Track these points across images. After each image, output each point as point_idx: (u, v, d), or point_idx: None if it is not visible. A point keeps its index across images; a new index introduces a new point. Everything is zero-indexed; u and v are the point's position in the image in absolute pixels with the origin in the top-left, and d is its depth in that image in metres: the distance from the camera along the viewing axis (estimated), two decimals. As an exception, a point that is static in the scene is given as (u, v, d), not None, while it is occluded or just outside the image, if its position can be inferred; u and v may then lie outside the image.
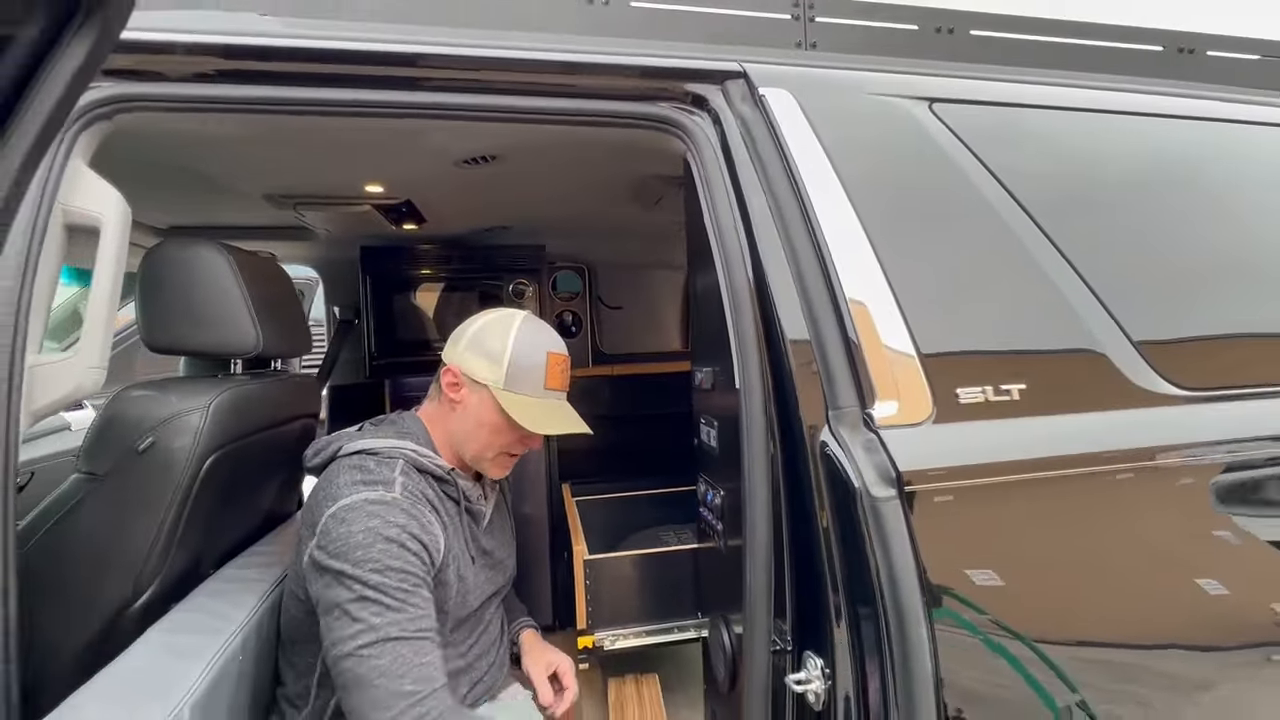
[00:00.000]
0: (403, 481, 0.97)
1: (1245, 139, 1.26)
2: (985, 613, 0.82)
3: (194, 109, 0.98)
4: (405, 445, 1.03)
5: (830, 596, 0.87)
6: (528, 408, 1.06)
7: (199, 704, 0.78)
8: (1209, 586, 0.90)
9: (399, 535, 0.91)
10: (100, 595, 0.92)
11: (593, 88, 1.07)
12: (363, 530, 0.89)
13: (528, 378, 1.08)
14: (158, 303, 1.05)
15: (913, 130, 1.08)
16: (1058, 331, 0.97)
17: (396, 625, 0.87)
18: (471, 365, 1.08)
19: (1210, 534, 0.92)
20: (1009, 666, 0.82)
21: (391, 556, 0.89)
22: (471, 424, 1.08)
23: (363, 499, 0.92)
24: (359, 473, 0.97)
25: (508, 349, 1.07)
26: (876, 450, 0.85)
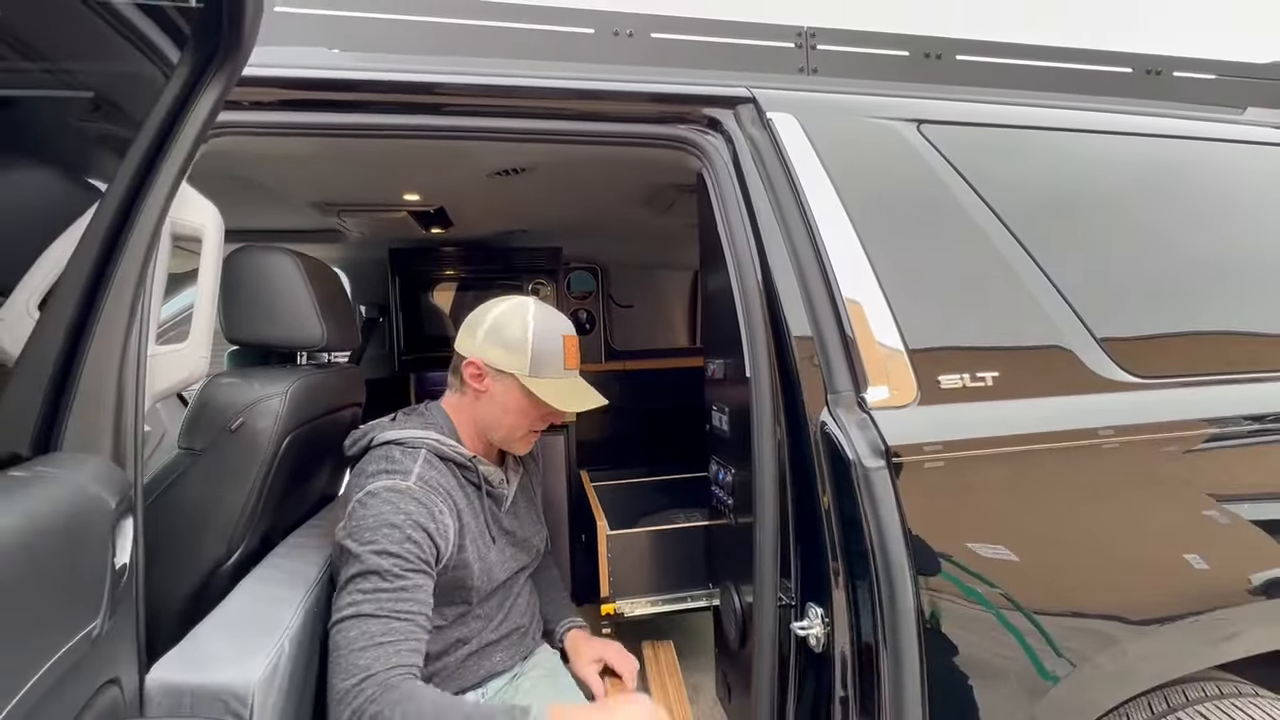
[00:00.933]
0: (420, 471, 1.05)
1: (1204, 154, 1.40)
2: (960, 563, 0.97)
3: (273, 133, 1.12)
4: (429, 435, 1.11)
5: (829, 554, 1.01)
6: (554, 389, 1.14)
7: (294, 638, 0.92)
8: (1154, 548, 1.05)
9: (404, 522, 0.98)
10: (200, 553, 1.06)
11: (618, 112, 1.21)
12: (374, 514, 0.98)
13: (550, 362, 1.15)
14: (238, 301, 1.20)
15: (902, 149, 1.22)
16: (1029, 327, 1.11)
17: (376, 603, 0.93)
18: (494, 356, 1.14)
19: (1158, 502, 1.06)
20: (981, 607, 0.97)
21: (392, 541, 0.97)
22: (498, 410, 1.17)
23: (381, 486, 1.01)
24: (385, 462, 1.06)
25: (528, 338, 1.14)
26: (869, 428, 0.99)
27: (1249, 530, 1.09)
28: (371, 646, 0.91)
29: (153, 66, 0.80)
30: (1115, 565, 1.03)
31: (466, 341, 1.19)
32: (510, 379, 1.15)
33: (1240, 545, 1.08)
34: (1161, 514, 1.06)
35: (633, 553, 1.59)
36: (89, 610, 0.59)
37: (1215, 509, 1.07)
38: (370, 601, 0.94)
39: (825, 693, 1.02)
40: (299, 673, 0.94)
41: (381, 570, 0.96)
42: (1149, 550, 1.05)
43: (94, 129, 0.93)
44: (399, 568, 0.97)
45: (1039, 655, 0.98)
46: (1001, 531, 0.99)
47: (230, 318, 1.20)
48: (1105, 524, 1.03)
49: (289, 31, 1.14)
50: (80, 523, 0.59)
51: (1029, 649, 0.98)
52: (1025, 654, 0.98)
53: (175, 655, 0.82)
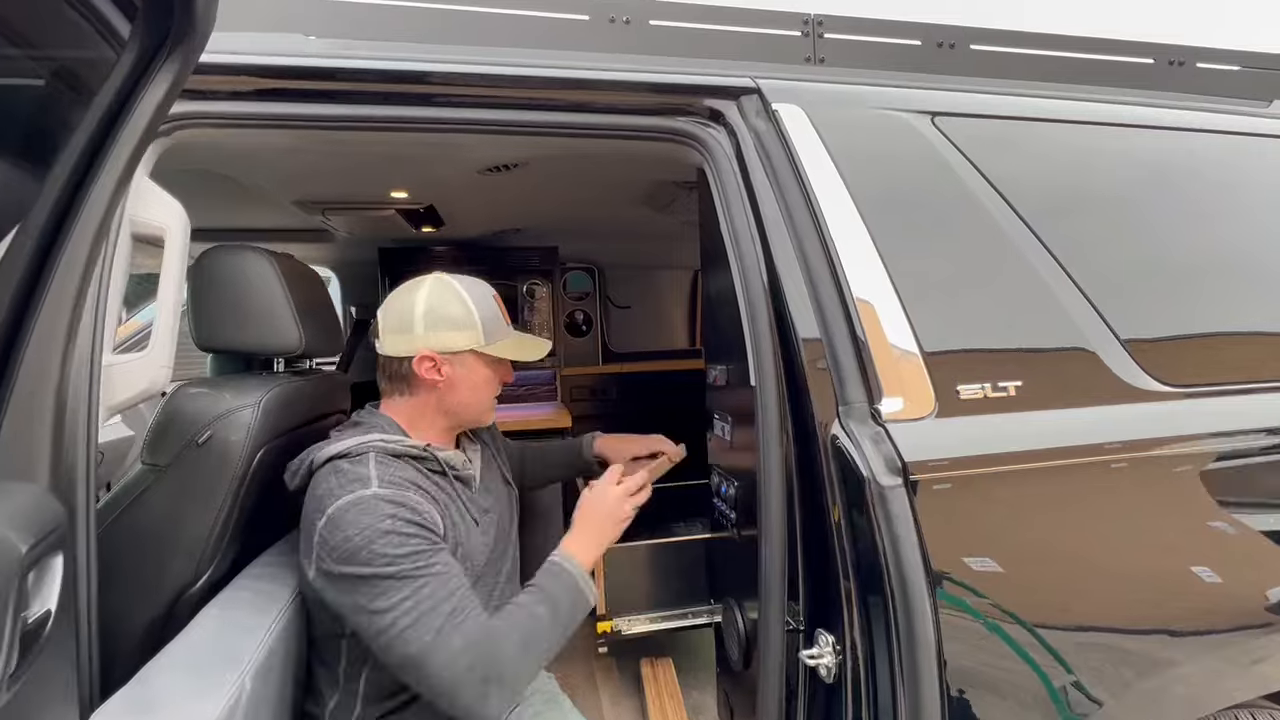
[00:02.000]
0: (378, 474, 0.98)
1: (1231, 148, 1.33)
2: (983, 592, 0.89)
3: (245, 125, 1.05)
4: (371, 438, 1.04)
5: (841, 577, 0.94)
6: (510, 347, 1.16)
7: (259, 673, 0.85)
8: (1193, 571, 0.98)
9: (393, 525, 0.93)
10: (165, 577, 0.99)
11: (615, 103, 1.14)
12: (358, 532, 0.91)
13: (496, 325, 1.15)
14: (209, 305, 1.12)
15: (916, 142, 1.15)
16: (1051, 332, 1.04)
17: (427, 600, 0.91)
18: (445, 340, 1.10)
19: (1194, 522, 0.99)
20: (1006, 640, 0.90)
21: (394, 546, 0.91)
22: (466, 391, 1.13)
23: (347, 503, 0.93)
24: (335, 477, 0.97)
25: (472, 309, 1.11)
26: (884, 442, 0.92)
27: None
28: (455, 631, 0.91)
29: (108, 46, 0.73)
30: (1151, 593, 0.95)
31: (403, 341, 1.10)
32: (469, 355, 1.12)
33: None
34: (1202, 536, 0.98)
35: (630, 567, 1.52)
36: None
37: (1261, 528, 1.00)
38: (423, 604, 0.91)
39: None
40: (264, 709, 0.86)
41: (405, 574, 0.91)
42: (1189, 575, 0.97)
43: (46, 115, 0.85)
44: (421, 560, 0.93)
45: (1069, 689, 0.91)
46: (1028, 556, 0.92)
47: (200, 323, 1.12)
48: (1139, 547, 0.96)
49: (260, 17, 1.07)
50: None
51: (1059, 682, 0.91)
52: (1055, 688, 0.91)
53: (119, 700, 0.75)
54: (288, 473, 1.07)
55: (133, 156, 0.74)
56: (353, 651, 1.02)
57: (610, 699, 1.71)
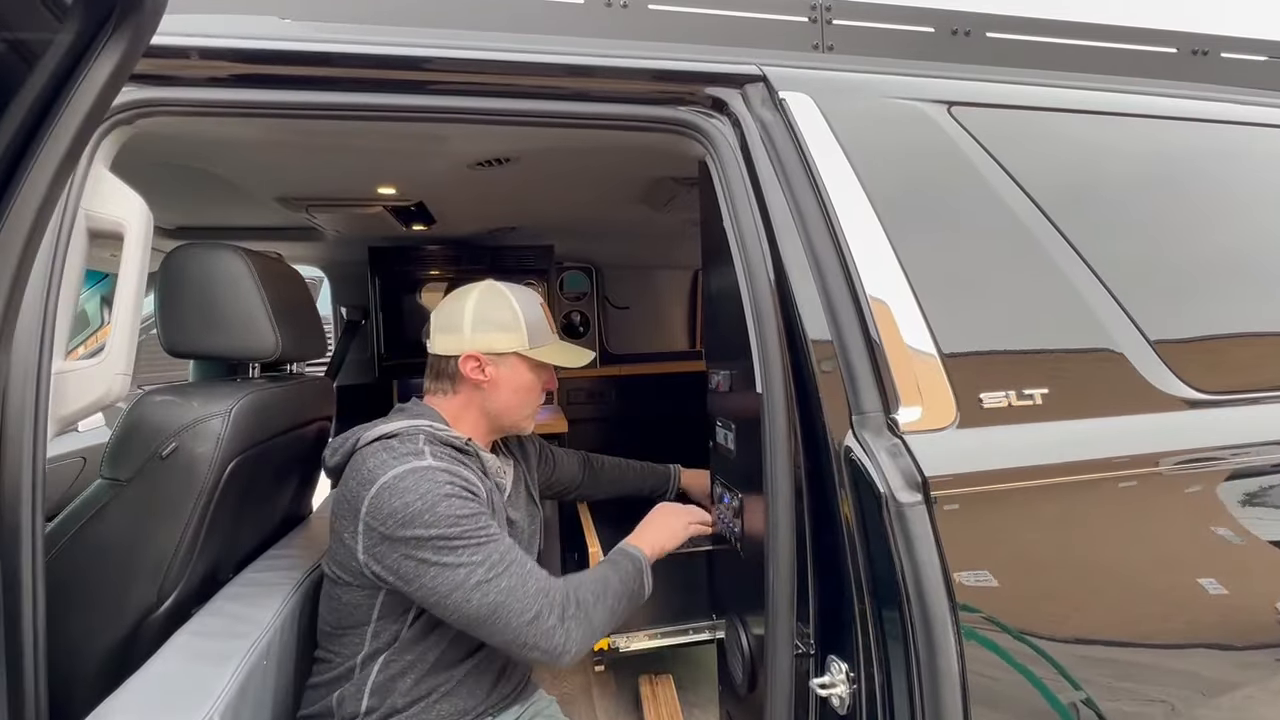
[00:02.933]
0: (431, 450, 1.00)
1: (1261, 141, 1.26)
2: (1011, 617, 0.82)
3: (215, 113, 0.98)
4: (421, 423, 1.06)
5: (855, 600, 0.87)
6: (555, 353, 1.18)
7: (229, 709, 0.78)
8: (1234, 590, 0.91)
9: (453, 490, 0.95)
10: (126, 600, 0.92)
11: (612, 91, 1.07)
12: (418, 497, 0.93)
13: (541, 329, 1.17)
14: (177, 307, 1.05)
15: (932, 133, 1.08)
16: (1078, 335, 0.97)
17: (496, 554, 0.94)
18: (491, 341, 1.12)
19: (1233, 537, 0.93)
20: (1035, 671, 0.83)
21: (457, 508, 0.94)
22: (508, 393, 1.15)
23: (404, 470, 0.95)
24: (386, 453, 0.98)
25: (519, 314, 1.14)
26: (901, 455, 0.85)
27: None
28: (527, 578, 0.96)
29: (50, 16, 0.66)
30: (1194, 619, 0.88)
31: (451, 340, 1.14)
32: (513, 358, 1.14)
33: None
34: (1250, 553, 0.92)
35: (628, 581, 1.45)
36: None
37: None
38: (493, 557, 0.94)
39: (852, 762, 0.88)
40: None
41: (470, 533, 0.94)
42: (1249, 603, 0.90)
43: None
44: (481, 522, 0.96)
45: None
46: (1060, 579, 0.85)
47: (168, 326, 1.05)
48: (1185, 568, 0.89)
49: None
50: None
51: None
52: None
53: (65, 746, 0.67)
54: (328, 449, 1.08)
55: (75, 143, 0.67)
56: (377, 639, 1.01)
57: (608, 718, 1.64)
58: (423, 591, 0.93)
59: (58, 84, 0.65)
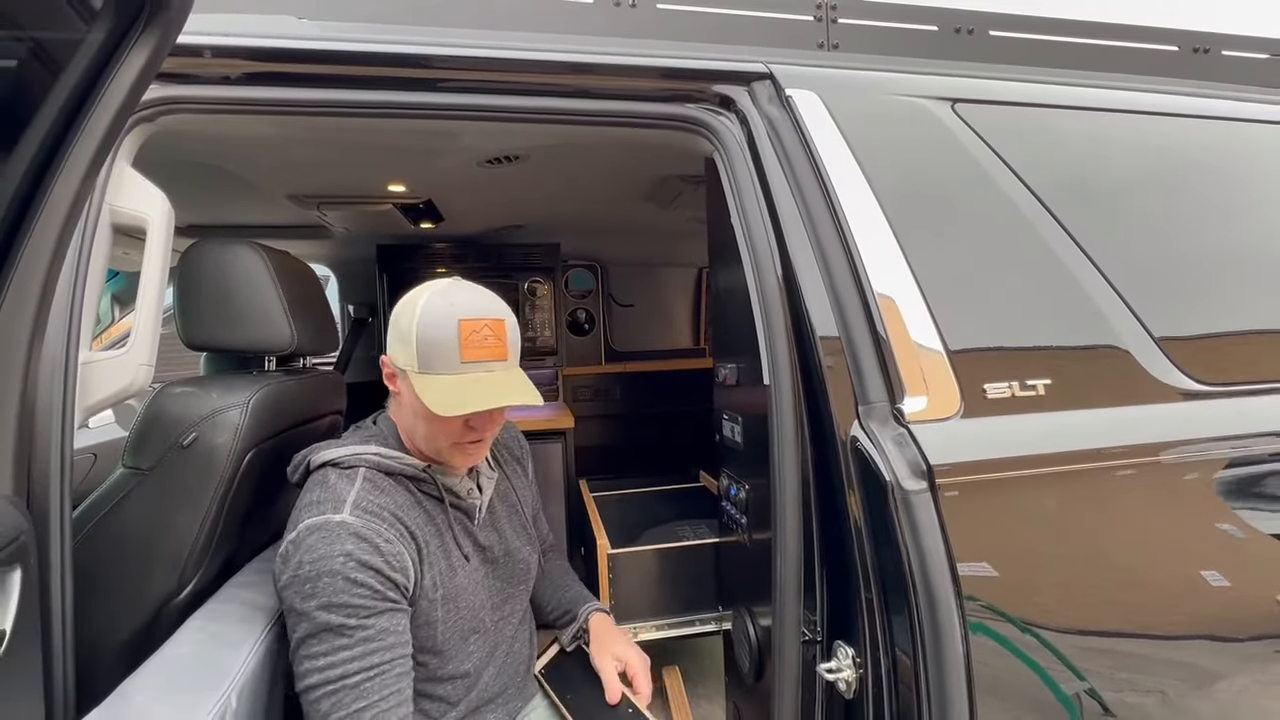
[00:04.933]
0: (355, 498, 0.91)
1: (1262, 138, 1.28)
2: (1015, 603, 0.84)
3: (233, 110, 1.00)
4: (368, 450, 0.97)
5: (861, 587, 0.89)
6: (437, 388, 0.91)
7: (244, 690, 0.80)
8: (1232, 579, 0.92)
9: (344, 565, 0.84)
10: (147, 587, 0.94)
11: (621, 89, 1.09)
12: (310, 563, 0.84)
13: (439, 355, 0.92)
14: (196, 301, 1.07)
15: (937, 130, 1.10)
16: (1081, 328, 0.99)
17: (342, 665, 0.83)
18: (394, 352, 0.96)
19: (1230, 526, 0.94)
20: (1038, 656, 0.84)
21: (336, 592, 0.83)
22: (409, 415, 0.98)
23: (314, 524, 0.87)
24: (319, 490, 0.92)
25: (414, 327, 0.92)
26: (907, 444, 0.87)
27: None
28: (347, 717, 0.83)
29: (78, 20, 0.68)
30: (1195, 610, 0.90)
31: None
32: (407, 377, 0.95)
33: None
34: (1252, 544, 0.93)
35: (636, 573, 1.47)
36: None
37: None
38: (335, 665, 0.83)
39: (858, 747, 0.90)
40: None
41: (334, 626, 0.83)
42: (1249, 593, 0.92)
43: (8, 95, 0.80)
44: (354, 617, 0.84)
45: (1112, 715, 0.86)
46: (1065, 567, 0.87)
47: (187, 319, 1.07)
48: (1186, 557, 0.90)
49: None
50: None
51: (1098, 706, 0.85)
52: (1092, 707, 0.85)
53: (96, 718, 0.69)
54: (290, 466, 1.02)
55: (105, 140, 0.69)
56: None
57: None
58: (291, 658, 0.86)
59: (90, 82, 0.67)
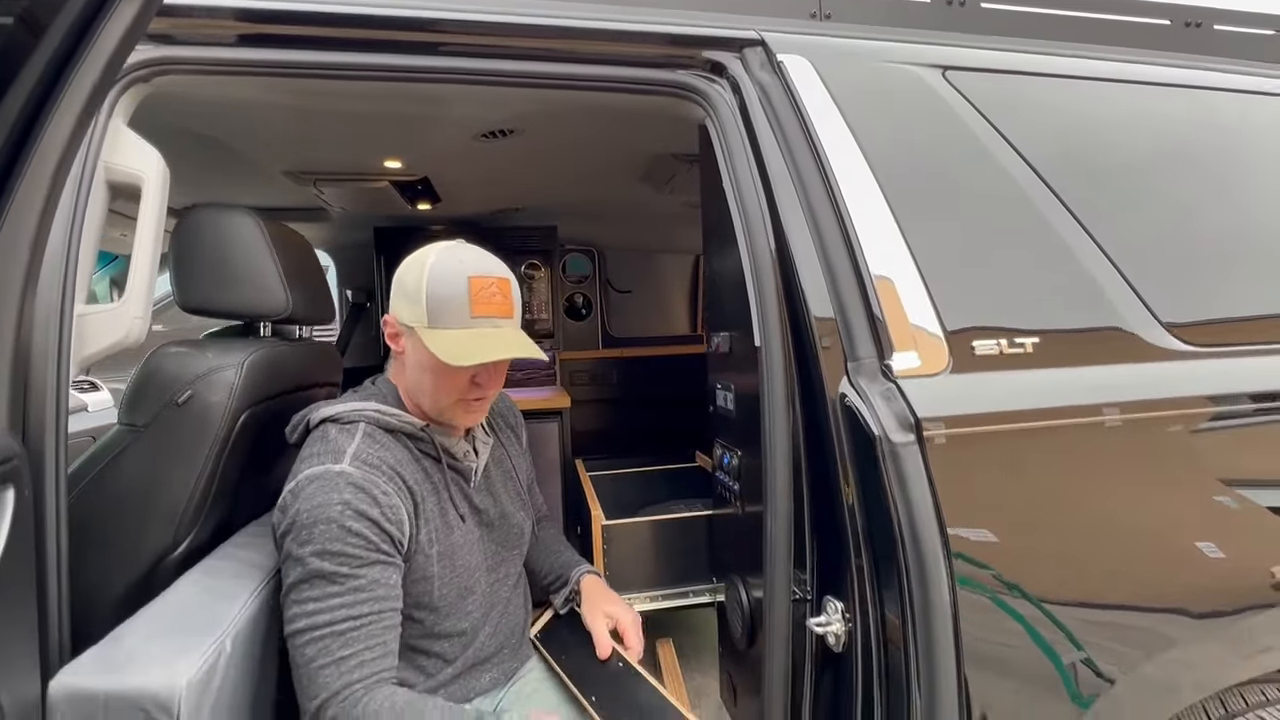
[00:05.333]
0: (356, 450, 0.92)
1: (1250, 109, 1.29)
2: (1000, 553, 0.85)
3: (227, 72, 1.01)
4: (368, 407, 0.98)
5: (850, 541, 0.89)
6: (448, 341, 0.93)
7: (240, 635, 0.81)
8: (1214, 533, 0.93)
9: (340, 514, 0.86)
10: (142, 542, 0.94)
11: (614, 54, 1.10)
12: (307, 509, 0.86)
13: (449, 310, 0.94)
14: (192, 265, 1.08)
15: (927, 96, 1.11)
16: (1066, 286, 1.00)
17: (329, 612, 0.84)
18: (398, 309, 0.99)
19: (1214, 485, 0.95)
20: (1024, 605, 0.85)
21: (330, 539, 0.85)
22: (416, 372, 1.00)
23: (313, 474, 0.88)
24: (320, 443, 0.93)
25: (423, 283, 0.95)
26: (895, 399, 0.88)
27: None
28: (330, 664, 0.83)
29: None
30: (1174, 558, 0.91)
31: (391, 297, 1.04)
32: (414, 333, 0.97)
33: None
34: (1224, 501, 0.94)
35: (630, 544, 1.48)
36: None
37: None
38: (323, 611, 0.83)
39: (846, 698, 0.90)
40: (246, 676, 0.82)
41: (326, 573, 0.84)
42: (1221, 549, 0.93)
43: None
44: (347, 566, 0.85)
45: (1083, 664, 0.86)
46: (1048, 522, 0.88)
47: (183, 283, 1.08)
48: (1160, 511, 0.91)
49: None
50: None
51: (1071, 657, 0.86)
52: (1064, 663, 0.86)
53: (89, 657, 0.70)
54: (289, 426, 1.03)
55: (93, 95, 0.69)
56: None
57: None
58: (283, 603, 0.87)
59: (75, 39, 0.68)
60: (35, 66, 0.66)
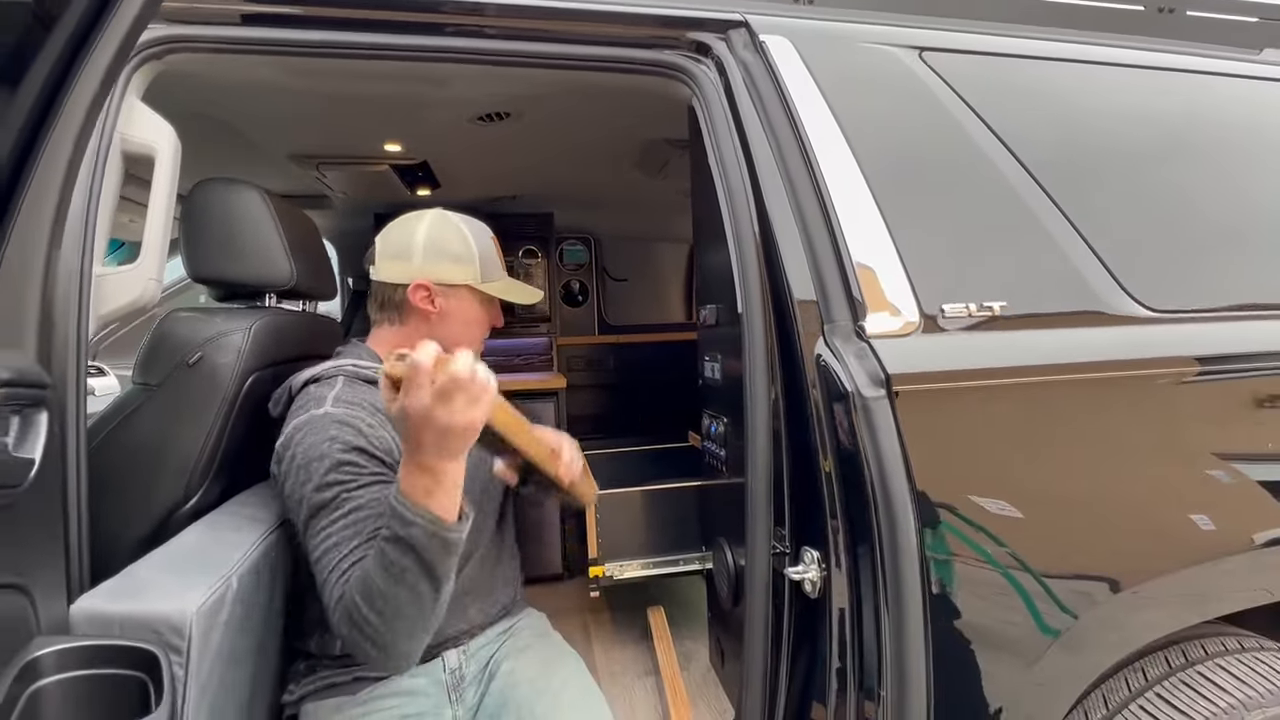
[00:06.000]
0: (335, 394, 0.99)
1: (1219, 90, 1.34)
2: (963, 498, 0.90)
3: (235, 50, 1.06)
4: (344, 362, 1.06)
5: (825, 492, 0.94)
6: (506, 288, 1.17)
7: (244, 576, 0.86)
8: (1174, 483, 0.98)
9: (330, 449, 0.91)
10: (155, 495, 0.99)
11: (603, 34, 1.15)
12: (302, 452, 0.92)
13: (491, 263, 1.15)
14: (201, 237, 1.13)
15: (903, 75, 1.16)
16: (1031, 252, 1.05)
17: (338, 535, 0.88)
18: (442, 272, 1.10)
19: (1169, 441, 1.00)
20: (985, 545, 0.90)
21: (326, 472, 0.90)
22: (458, 326, 1.12)
23: (300, 423, 0.95)
24: (303, 400, 1.00)
25: (471, 245, 1.12)
26: (867, 357, 0.93)
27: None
28: (347, 569, 0.86)
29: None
30: (1129, 508, 0.96)
31: (399, 268, 1.10)
32: (464, 290, 1.12)
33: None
34: (1176, 456, 0.99)
35: (622, 513, 1.53)
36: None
37: (1233, 456, 1.01)
38: (334, 534, 0.88)
39: (822, 641, 0.96)
40: (252, 614, 0.87)
41: (326, 502, 0.90)
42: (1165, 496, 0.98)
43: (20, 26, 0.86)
44: (344, 491, 0.90)
45: (1046, 602, 0.92)
46: (1011, 470, 0.93)
47: (192, 254, 1.13)
48: (1115, 463, 0.96)
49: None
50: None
51: (1035, 593, 0.91)
52: (1032, 600, 0.92)
53: (107, 585, 0.76)
54: (271, 401, 1.07)
55: (112, 65, 0.75)
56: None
57: (602, 647, 1.72)
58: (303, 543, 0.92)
59: (93, 17, 0.73)
60: (55, 44, 0.71)
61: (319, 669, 1.04)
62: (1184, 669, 1.02)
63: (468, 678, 1.11)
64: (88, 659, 0.62)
